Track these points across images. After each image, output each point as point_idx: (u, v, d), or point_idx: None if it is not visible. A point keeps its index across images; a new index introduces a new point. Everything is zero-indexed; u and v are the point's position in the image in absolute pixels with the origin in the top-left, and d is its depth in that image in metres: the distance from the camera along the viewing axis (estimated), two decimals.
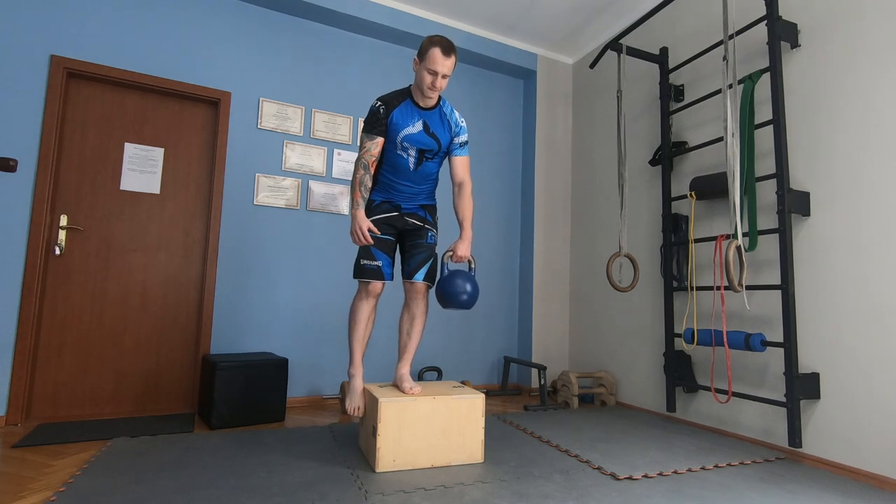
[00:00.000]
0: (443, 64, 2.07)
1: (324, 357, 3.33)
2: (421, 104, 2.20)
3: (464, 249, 2.18)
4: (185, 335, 3.03)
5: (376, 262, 2.19)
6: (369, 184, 2.16)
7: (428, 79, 2.09)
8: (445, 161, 2.39)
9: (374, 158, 2.16)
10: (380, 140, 2.16)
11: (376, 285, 2.21)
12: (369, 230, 2.13)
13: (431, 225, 2.33)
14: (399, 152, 2.19)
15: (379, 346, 3.43)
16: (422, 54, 2.10)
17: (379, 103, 2.16)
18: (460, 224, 2.24)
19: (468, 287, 2.14)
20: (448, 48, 2.08)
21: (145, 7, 3.00)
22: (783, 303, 2.32)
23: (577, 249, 4.07)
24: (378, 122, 2.15)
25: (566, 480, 1.94)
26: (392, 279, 2.27)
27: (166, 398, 2.96)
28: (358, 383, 2.22)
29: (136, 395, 2.89)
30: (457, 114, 2.28)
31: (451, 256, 2.19)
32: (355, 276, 2.22)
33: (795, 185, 2.43)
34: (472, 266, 2.31)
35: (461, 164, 2.27)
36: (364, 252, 2.19)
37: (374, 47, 3.69)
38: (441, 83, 2.11)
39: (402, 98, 2.19)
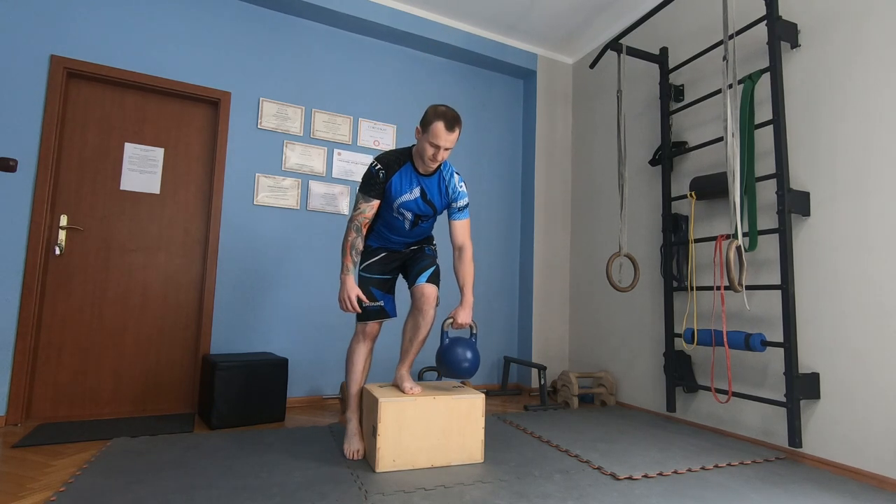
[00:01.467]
0: (446, 139, 2.02)
1: (324, 357, 3.33)
2: (421, 171, 2.15)
3: (465, 316, 2.13)
4: (185, 335, 3.03)
5: (378, 303, 2.21)
6: (360, 247, 2.14)
7: (430, 151, 2.04)
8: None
9: (367, 221, 2.15)
10: (375, 203, 2.14)
11: (374, 327, 2.23)
12: (358, 298, 2.10)
13: (429, 244, 2.40)
14: (395, 215, 2.19)
15: (379, 346, 3.43)
16: (425, 125, 2.04)
17: (378, 167, 2.10)
18: (461, 289, 2.17)
19: (468, 355, 2.11)
20: (452, 122, 2.01)
21: (145, 7, 3.00)
22: (783, 303, 2.32)
23: (577, 249, 4.07)
24: (376, 185, 2.11)
25: (566, 480, 1.93)
26: (396, 315, 2.29)
27: (166, 398, 2.96)
28: (355, 426, 2.21)
29: (136, 395, 2.89)
30: (456, 178, 2.22)
31: (452, 324, 2.15)
32: (359, 320, 2.22)
33: (795, 185, 2.43)
34: (474, 332, 2.27)
35: (461, 227, 2.22)
36: (365, 294, 2.18)
37: (374, 47, 3.69)
38: (443, 155, 2.06)
39: (402, 162, 2.14)
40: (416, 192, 2.16)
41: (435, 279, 2.25)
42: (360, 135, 3.57)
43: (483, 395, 2.14)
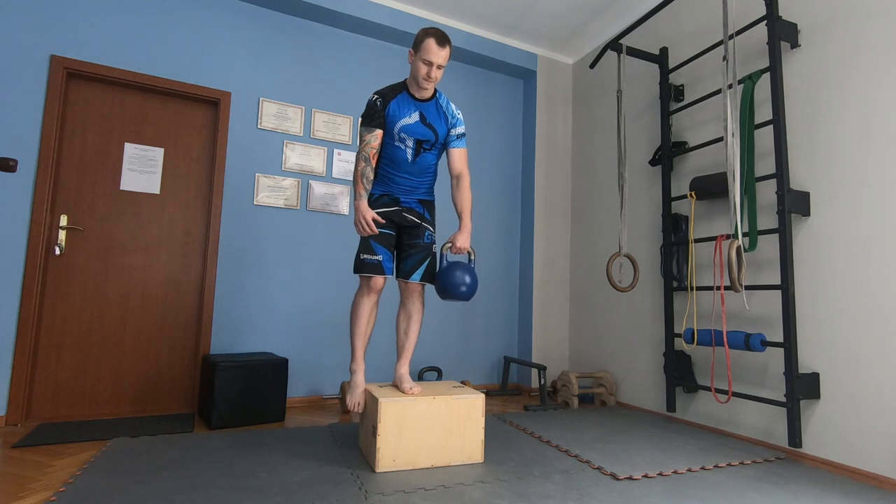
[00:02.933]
0: (437, 54, 2.10)
1: (324, 357, 3.33)
2: (417, 96, 2.22)
3: (463, 241, 2.19)
4: (185, 335, 3.03)
5: (377, 257, 2.19)
6: (371, 175, 2.18)
7: (423, 69, 2.12)
8: (443, 158, 2.40)
9: (374, 150, 2.18)
10: (379, 132, 2.18)
11: (378, 280, 2.21)
12: (374, 220, 2.13)
13: (429, 223, 2.33)
14: (397, 144, 2.20)
15: (379, 346, 3.43)
16: (417, 45, 2.13)
17: (375, 96, 2.19)
18: (459, 215, 2.25)
19: (467, 279, 2.14)
20: (442, 39, 2.11)
21: (145, 7, 3.00)
22: (783, 303, 2.32)
23: (577, 249, 4.07)
24: (376, 114, 2.17)
25: (566, 480, 1.94)
26: (393, 273, 2.28)
27: (166, 398, 2.96)
28: (360, 379, 2.22)
29: (136, 395, 2.89)
30: (453, 106, 2.30)
31: (451, 248, 2.19)
32: (356, 271, 2.22)
33: (795, 185, 2.43)
34: (472, 257, 2.31)
35: (459, 155, 2.29)
36: (364, 247, 2.20)
37: (374, 47, 3.69)
38: (436, 73, 2.13)
39: (398, 91, 2.22)
40: (416, 116, 2.21)
41: (428, 277, 2.27)
42: (358, 135, 3.56)
43: (483, 395, 2.14)
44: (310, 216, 3.37)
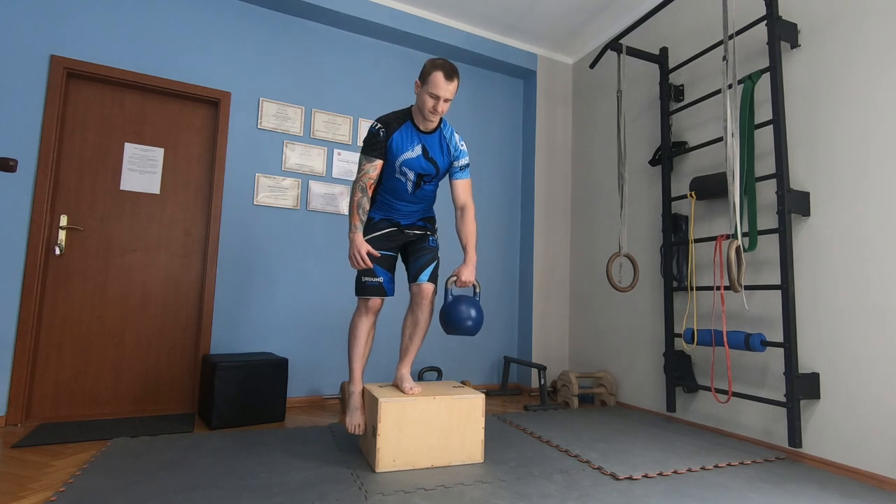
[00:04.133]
0: (445, 88, 2.03)
1: (324, 357, 3.33)
2: (421, 127, 2.16)
3: (468, 274, 2.14)
4: (185, 335, 3.03)
5: (378, 279, 2.19)
6: (367, 207, 2.13)
7: (430, 102, 2.06)
8: (445, 178, 2.37)
9: (371, 181, 2.13)
10: (378, 163, 2.13)
11: (376, 301, 2.21)
12: (368, 253, 2.08)
13: (432, 231, 2.35)
14: (398, 176, 2.17)
15: (379, 346, 3.43)
16: (424, 77, 2.06)
17: (378, 126, 2.12)
18: (464, 248, 2.19)
19: (472, 313, 2.11)
20: (451, 72, 2.04)
21: (145, 7, 3.00)
22: (783, 303, 2.32)
23: (577, 249, 4.07)
24: (377, 144, 2.11)
25: (566, 480, 1.94)
26: (394, 294, 2.28)
27: (166, 398, 2.96)
28: (358, 400, 2.21)
29: (136, 395, 2.89)
30: (457, 137, 2.24)
31: (455, 281, 2.15)
32: (357, 294, 2.21)
33: (795, 185, 2.43)
34: (477, 291, 2.27)
35: (463, 187, 2.24)
36: (365, 269, 2.17)
37: (374, 47, 3.69)
38: (443, 107, 2.07)
39: (402, 121, 2.16)
40: (418, 150, 2.16)
41: (434, 277, 2.26)
42: (360, 135, 3.57)
43: (483, 395, 2.14)
44: (310, 216, 3.37)
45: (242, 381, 2.65)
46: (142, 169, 2.99)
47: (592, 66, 3.40)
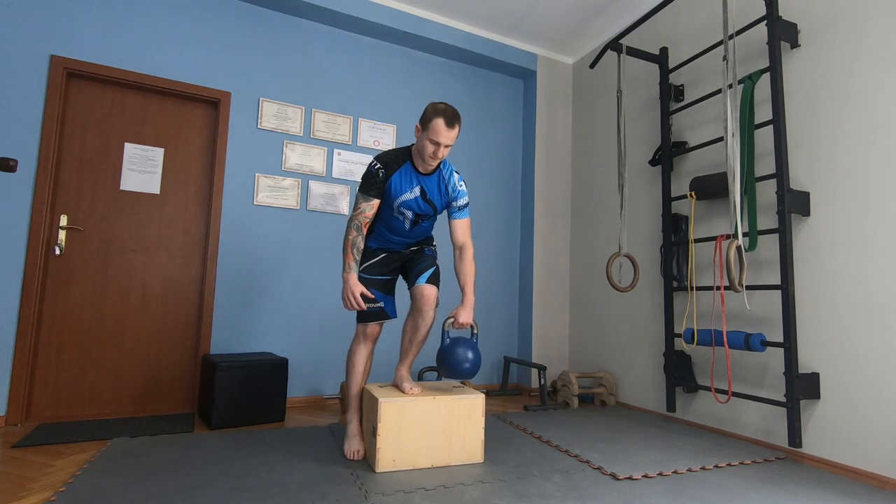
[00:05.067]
0: (446, 135, 2.01)
1: (324, 357, 3.33)
2: (420, 169, 2.15)
3: (465, 316, 2.11)
4: (185, 335, 3.03)
5: (378, 304, 2.20)
6: (361, 246, 2.12)
7: (430, 148, 2.04)
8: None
9: (367, 220, 2.13)
10: (375, 203, 2.13)
11: (375, 329, 2.22)
12: (362, 294, 2.08)
13: (429, 244, 2.39)
14: (395, 215, 2.18)
15: (379, 346, 3.41)
16: (425, 123, 2.03)
17: (378, 165, 2.10)
18: (462, 289, 2.16)
19: (469, 355, 2.10)
20: (452, 119, 2.02)
21: (145, 7, 3.00)
22: (783, 303, 2.32)
23: (577, 249, 4.07)
24: (376, 184, 2.10)
25: (566, 480, 1.94)
26: (396, 316, 2.29)
27: (166, 398, 2.96)
28: (356, 428, 2.20)
29: (136, 395, 2.89)
30: (456, 177, 2.21)
31: (453, 323, 2.13)
32: (359, 321, 2.21)
33: (795, 185, 2.43)
34: (475, 332, 2.26)
35: (461, 227, 2.22)
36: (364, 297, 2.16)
37: (374, 47, 3.69)
38: (443, 153, 2.05)
39: (401, 161, 2.14)
40: (417, 192, 2.15)
41: (435, 280, 2.24)
42: (360, 135, 3.57)
43: (483, 396, 2.14)
44: (310, 216, 3.37)
45: (242, 381, 2.65)
46: (142, 169, 2.99)
47: (592, 66, 3.40)
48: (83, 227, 2.83)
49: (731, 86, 2.34)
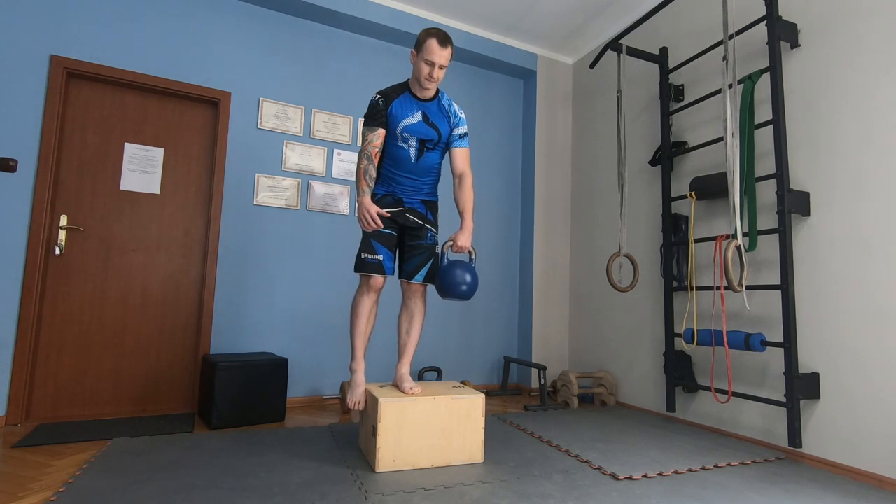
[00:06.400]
0: (440, 55, 2.11)
1: (324, 357, 3.33)
2: (419, 96, 2.23)
3: (464, 240, 2.17)
4: (185, 335, 3.03)
5: (377, 257, 2.19)
6: (374, 173, 2.18)
7: (425, 69, 2.14)
8: (446, 157, 2.39)
9: (376, 149, 2.19)
10: (381, 131, 2.19)
11: (378, 279, 2.21)
12: (378, 214, 2.12)
13: (432, 224, 2.33)
14: (400, 144, 2.21)
15: (379, 346, 3.43)
16: (419, 46, 2.15)
17: (378, 96, 2.20)
18: (461, 215, 2.24)
19: (467, 277, 2.14)
20: (444, 39, 2.12)
21: (145, 7, 3.00)
22: (783, 303, 2.32)
23: (577, 249, 4.07)
24: (378, 113, 2.18)
25: (566, 480, 1.94)
26: (393, 273, 2.28)
27: (166, 398, 2.96)
28: (360, 378, 2.22)
29: (136, 395, 2.89)
30: (455, 105, 2.32)
31: (452, 246, 2.19)
32: (356, 270, 2.22)
33: (795, 185, 2.43)
34: (473, 257, 2.31)
35: (461, 155, 2.30)
36: (365, 246, 2.20)
37: (374, 47, 3.69)
38: (438, 74, 2.15)
39: (400, 91, 2.24)
40: (418, 116, 2.22)
41: (430, 278, 2.27)
42: (360, 135, 3.56)
43: (483, 395, 2.14)
44: (310, 216, 3.37)
45: (242, 381, 2.65)
46: (142, 169, 2.99)
47: (592, 66, 3.40)
48: (83, 227, 2.83)
49: (731, 86, 2.34)
